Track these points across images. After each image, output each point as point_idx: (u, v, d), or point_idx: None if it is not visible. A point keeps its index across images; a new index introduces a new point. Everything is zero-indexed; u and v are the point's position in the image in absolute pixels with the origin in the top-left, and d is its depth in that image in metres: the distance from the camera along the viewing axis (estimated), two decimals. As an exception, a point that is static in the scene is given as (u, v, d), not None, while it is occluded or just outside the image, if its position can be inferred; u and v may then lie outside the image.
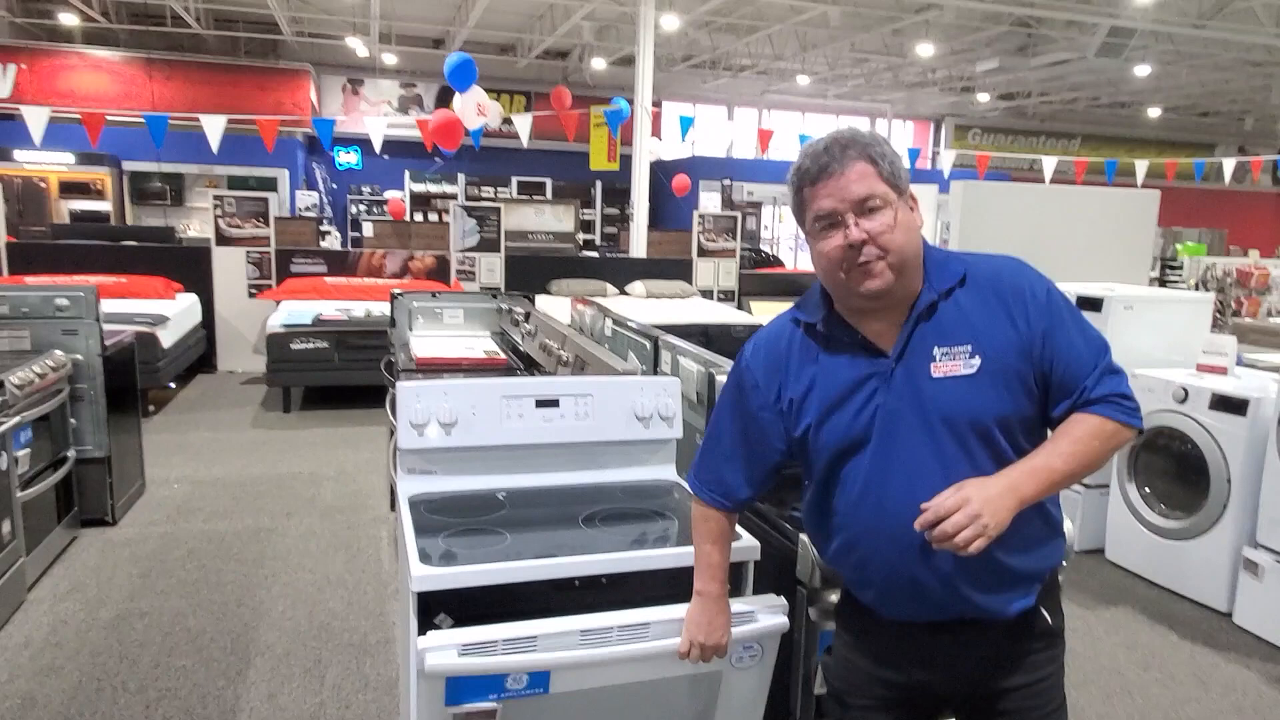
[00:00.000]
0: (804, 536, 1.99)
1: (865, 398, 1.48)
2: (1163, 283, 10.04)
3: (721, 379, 2.53)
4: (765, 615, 1.77)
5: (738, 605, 1.74)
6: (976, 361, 1.43)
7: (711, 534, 1.69)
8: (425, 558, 1.77)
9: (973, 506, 1.32)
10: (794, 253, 17.32)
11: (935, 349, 1.45)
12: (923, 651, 1.55)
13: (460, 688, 1.61)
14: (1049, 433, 1.50)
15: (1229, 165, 11.60)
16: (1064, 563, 1.63)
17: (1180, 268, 9.66)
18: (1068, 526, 2.21)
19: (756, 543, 1.91)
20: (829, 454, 1.52)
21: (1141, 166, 10.91)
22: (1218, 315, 7.85)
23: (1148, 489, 4.11)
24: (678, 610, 1.68)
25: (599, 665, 1.66)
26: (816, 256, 1.48)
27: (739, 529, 1.94)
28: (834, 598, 1.96)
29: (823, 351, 1.54)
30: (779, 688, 2.08)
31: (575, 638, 1.63)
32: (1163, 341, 4.31)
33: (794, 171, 1.47)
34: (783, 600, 1.83)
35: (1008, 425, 1.44)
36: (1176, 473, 3.99)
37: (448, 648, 1.58)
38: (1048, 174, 11.25)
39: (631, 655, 1.67)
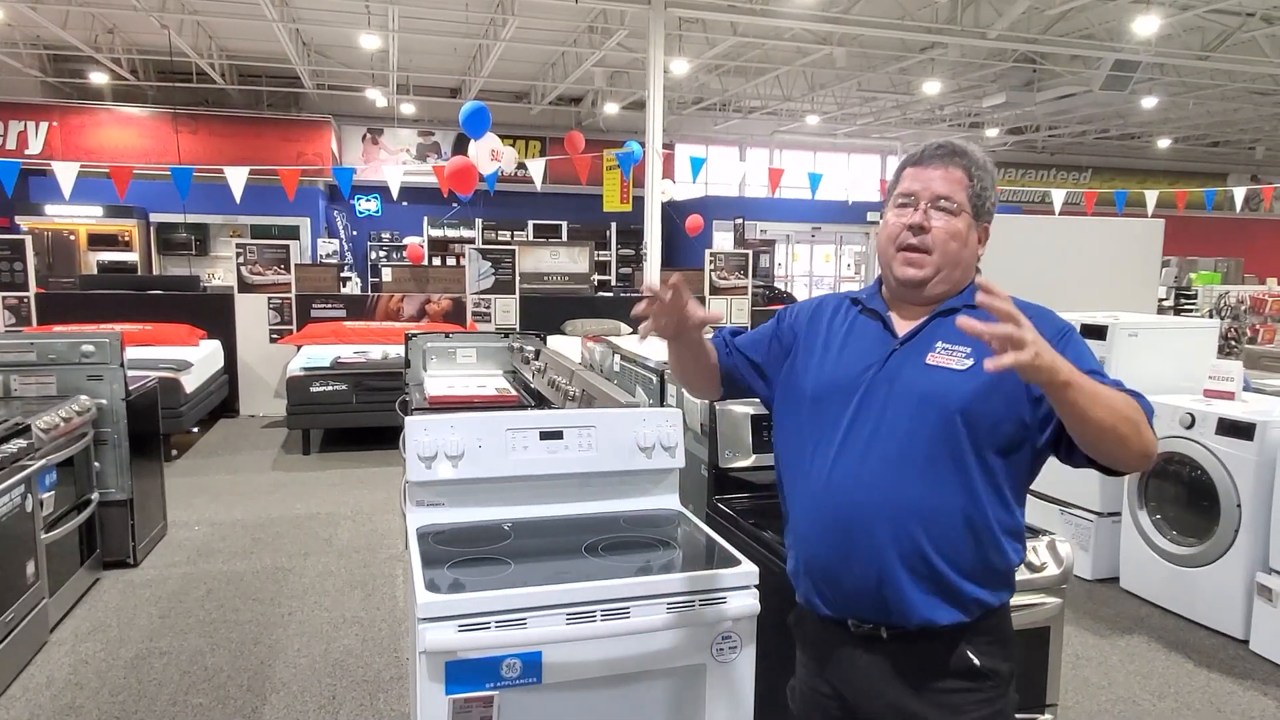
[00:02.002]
0: (803, 562, 2.03)
1: (863, 366, 1.57)
2: (1177, 311, 10.01)
3: (723, 409, 2.59)
4: (736, 599, 1.87)
5: (708, 582, 1.87)
6: (970, 363, 1.50)
7: None
8: (433, 586, 1.82)
9: (1029, 329, 1.25)
10: (808, 289, 17.41)
11: (938, 343, 1.54)
12: (843, 656, 1.59)
13: (459, 675, 1.73)
14: (1027, 475, 1.55)
15: (1239, 194, 11.59)
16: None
17: (1195, 296, 9.63)
18: (1066, 550, 2.25)
19: (755, 568, 1.95)
20: (808, 397, 1.62)
21: (1151, 197, 10.94)
22: (1232, 343, 7.82)
23: (1159, 516, 4.09)
24: (652, 589, 1.84)
25: (584, 641, 1.78)
26: (882, 228, 1.63)
27: (738, 554, 1.99)
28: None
29: (854, 316, 1.68)
30: (782, 710, 2.11)
31: (562, 618, 1.77)
32: (1169, 368, 4.32)
33: (907, 155, 1.65)
34: (753, 569, 1.92)
35: (973, 423, 1.46)
36: (1187, 499, 3.98)
37: (447, 621, 1.72)
38: (1057, 206, 11.30)
39: (613, 631, 1.79)
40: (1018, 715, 1.61)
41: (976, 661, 1.52)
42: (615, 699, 1.85)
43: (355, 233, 15.92)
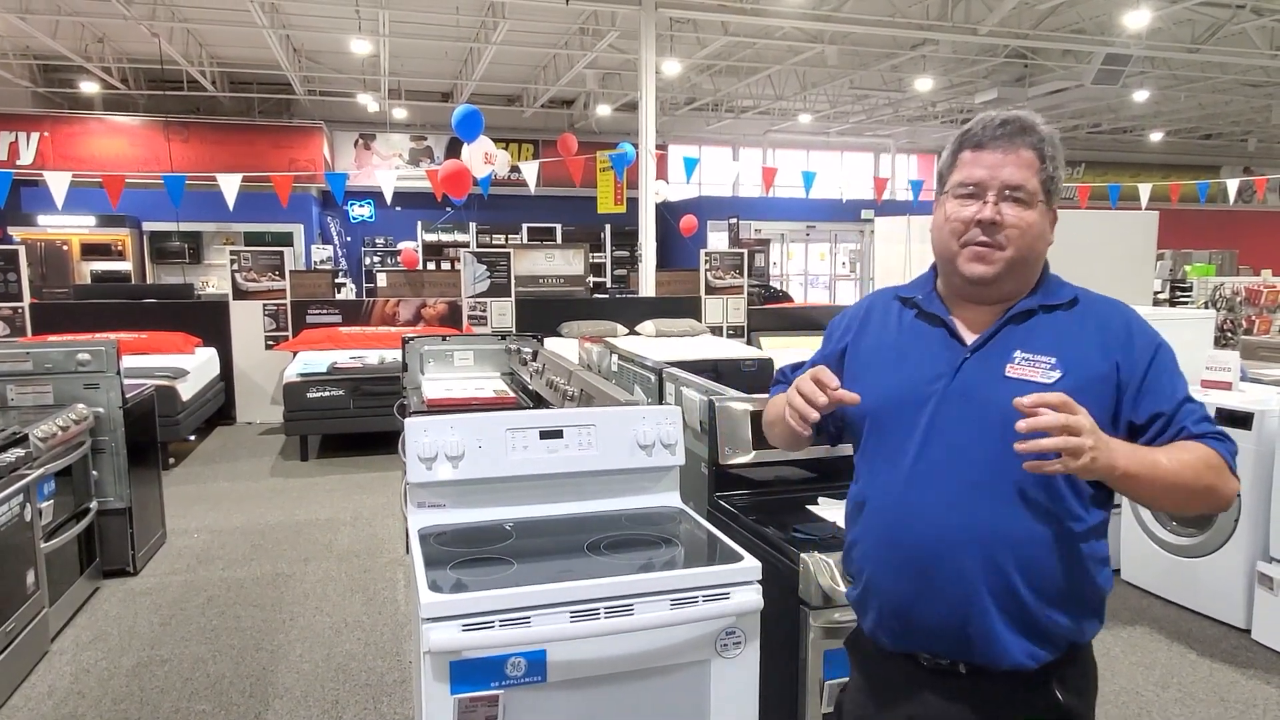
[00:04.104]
0: (805, 556, 2.03)
1: (928, 378, 1.42)
2: (1173, 304, 10.03)
3: (723, 406, 2.59)
4: (739, 594, 1.87)
5: (711, 578, 1.86)
6: (1056, 375, 1.34)
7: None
8: (436, 587, 1.82)
9: (1086, 423, 1.19)
10: (803, 288, 17.43)
11: (1017, 352, 1.38)
12: (910, 692, 1.45)
13: (464, 675, 1.72)
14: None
15: (1232, 186, 11.62)
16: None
17: (1189, 289, 9.66)
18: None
19: (758, 563, 1.94)
20: (869, 419, 1.47)
21: (1145, 190, 10.96)
22: (1229, 334, 7.84)
23: (1160, 507, 4.10)
24: (655, 585, 1.83)
25: (589, 639, 1.78)
26: (940, 221, 1.45)
27: (740, 550, 1.99)
28: (837, 615, 2.00)
29: (909, 321, 1.50)
30: (787, 705, 2.10)
31: (565, 616, 1.77)
32: (1166, 359, 4.32)
33: (962, 132, 1.45)
34: (756, 565, 1.91)
35: None
36: (1187, 490, 3.98)
37: (451, 621, 1.71)
38: (1051, 201, 11.31)
39: (617, 628, 1.79)
40: None
41: (1062, 699, 1.38)
42: (620, 696, 1.85)
43: (349, 238, 15.90)
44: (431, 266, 14.29)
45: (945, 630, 1.37)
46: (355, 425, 6.86)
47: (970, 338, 1.42)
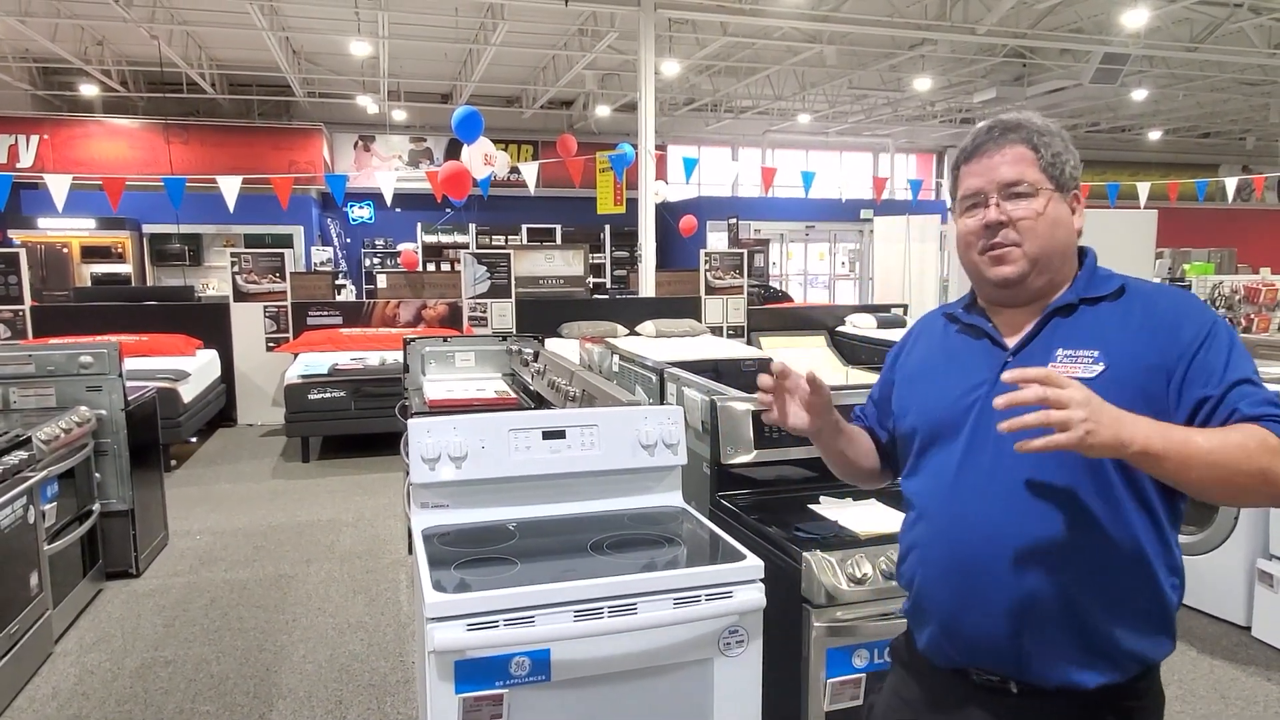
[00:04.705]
0: (808, 555, 2.05)
1: (970, 386, 1.40)
2: (1171, 302, 10.03)
3: (724, 406, 2.60)
4: (742, 593, 1.88)
5: (714, 577, 1.88)
6: (1099, 368, 1.28)
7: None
8: (440, 587, 1.83)
9: (1077, 395, 1.11)
10: (803, 288, 17.44)
11: (1059, 350, 1.34)
12: (961, 708, 1.39)
13: (469, 674, 1.74)
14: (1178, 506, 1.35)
15: (1231, 184, 11.63)
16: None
17: (1189, 287, 9.67)
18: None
19: (760, 562, 1.95)
20: (919, 436, 1.46)
21: (1143, 189, 10.97)
22: (1227, 332, 7.85)
23: (1160, 505, 4.11)
24: (658, 584, 1.85)
25: (592, 638, 1.80)
26: (957, 237, 1.47)
27: (743, 549, 2.00)
28: (840, 614, 2.02)
29: (953, 334, 1.50)
30: (790, 703, 2.12)
31: (569, 615, 1.78)
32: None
33: (956, 151, 1.47)
34: (758, 563, 1.93)
35: None
36: (1187, 488, 3.99)
37: (456, 620, 1.73)
38: (1050, 200, 11.32)
39: (621, 627, 1.81)
40: None
41: None
42: (624, 694, 1.86)
43: (349, 240, 15.91)
44: (431, 268, 14.30)
45: (994, 643, 1.32)
46: (356, 427, 6.88)
47: (1012, 342, 1.41)
